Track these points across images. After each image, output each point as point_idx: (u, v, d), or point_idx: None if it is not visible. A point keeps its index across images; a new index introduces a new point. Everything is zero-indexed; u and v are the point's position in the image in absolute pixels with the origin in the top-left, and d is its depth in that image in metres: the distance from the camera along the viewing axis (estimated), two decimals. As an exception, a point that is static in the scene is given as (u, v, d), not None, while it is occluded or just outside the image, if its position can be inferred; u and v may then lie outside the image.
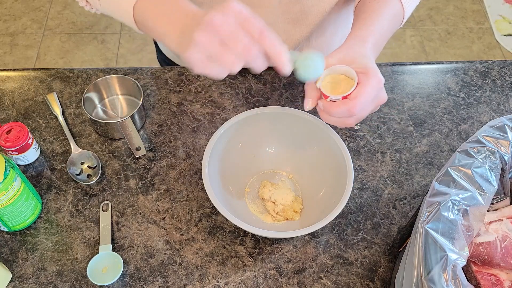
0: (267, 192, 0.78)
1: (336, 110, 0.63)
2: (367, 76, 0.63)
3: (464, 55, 2.23)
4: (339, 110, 0.63)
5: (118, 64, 2.15)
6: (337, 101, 0.63)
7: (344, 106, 0.62)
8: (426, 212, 0.54)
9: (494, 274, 0.61)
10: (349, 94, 0.62)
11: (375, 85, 0.63)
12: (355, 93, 0.62)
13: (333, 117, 0.64)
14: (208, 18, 0.56)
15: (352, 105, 0.62)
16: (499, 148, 0.59)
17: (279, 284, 0.71)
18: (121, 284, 0.71)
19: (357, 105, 0.61)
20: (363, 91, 0.62)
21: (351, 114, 0.62)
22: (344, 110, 0.62)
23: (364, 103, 0.62)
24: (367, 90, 0.62)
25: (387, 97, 0.67)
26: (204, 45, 0.56)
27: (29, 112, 0.88)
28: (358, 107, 0.62)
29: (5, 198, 0.69)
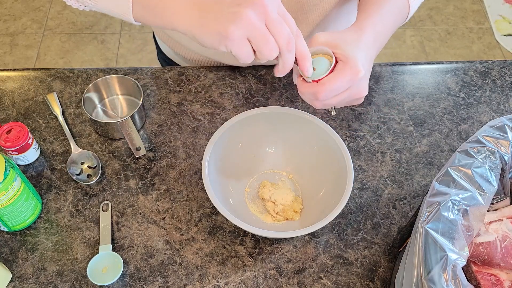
0: (267, 192, 0.78)
1: (303, 90, 0.64)
2: (344, 66, 0.62)
3: (464, 55, 2.24)
4: (305, 91, 0.64)
5: (118, 64, 2.15)
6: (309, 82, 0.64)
7: (310, 88, 0.63)
8: (426, 212, 0.54)
9: (494, 274, 0.61)
10: (320, 79, 0.63)
11: (348, 75, 0.62)
12: (326, 79, 0.62)
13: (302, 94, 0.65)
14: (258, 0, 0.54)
15: (317, 91, 0.62)
16: (499, 148, 0.59)
17: (279, 284, 0.71)
18: (121, 284, 0.71)
19: (322, 91, 0.62)
20: (334, 79, 0.62)
21: (316, 98, 0.63)
22: (310, 92, 0.63)
23: (331, 91, 0.62)
24: (338, 79, 0.62)
25: (367, 91, 0.66)
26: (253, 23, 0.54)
27: (29, 112, 0.88)
28: (323, 93, 0.62)
29: (5, 198, 0.69)
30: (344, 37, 0.65)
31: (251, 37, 0.55)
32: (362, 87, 0.65)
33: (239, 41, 0.55)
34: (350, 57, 0.63)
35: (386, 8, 0.71)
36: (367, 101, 0.90)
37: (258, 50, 0.56)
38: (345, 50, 0.63)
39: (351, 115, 0.88)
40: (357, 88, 0.65)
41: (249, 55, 0.57)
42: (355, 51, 0.64)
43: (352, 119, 0.88)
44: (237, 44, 0.56)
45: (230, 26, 0.54)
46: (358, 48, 0.65)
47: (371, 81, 0.93)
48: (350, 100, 0.66)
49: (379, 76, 0.94)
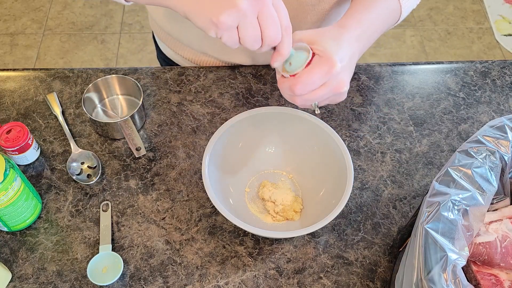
0: (267, 192, 0.78)
1: (281, 86, 0.64)
2: (320, 60, 0.62)
3: (464, 55, 2.24)
4: (283, 86, 0.64)
5: (118, 64, 2.15)
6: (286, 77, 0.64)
7: (286, 83, 0.63)
8: (426, 212, 0.54)
9: (494, 274, 0.61)
10: (296, 73, 0.63)
11: (324, 69, 0.62)
12: (301, 73, 0.62)
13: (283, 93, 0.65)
14: None
15: (293, 83, 0.62)
16: (499, 148, 0.59)
17: (279, 284, 0.71)
18: (121, 284, 0.71)
19: (297, 84, 0.62)
20: (309, 73, 0.62)
21: (294, 93, 0.63)
22: (286, 87, 0.63)
23: (307, 84, 0.62)
24: (313, 72, 0.62)
25: (348, 85, 0.65)
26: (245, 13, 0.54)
27: (29, 112, 0.88)
28: (298, 87, 0.62)
29: (5, 198, 0.69)
30: (323, 33, 0.65)
31: (241, 27, 0.56)
32: (341, 81, 0.64)
33: (229, 30, 0.56)
34: (326, 51, 0.63)
35: (375, 8, 0.71)
36: (367, 101, 0.90)
37: (242, 39, 0.57)
38: (323, 45, 0.63)
39: (351, 115, 0.88)
40: (336, 82, 0.64)
41: (235, 43, 0.58)
42: (333, 46, 0.63)
43: (352, 119, 0.88)
44: (227, 33, 0.56)
45: (222, 14, 0.54)
46: (338, 43, 0.64)
47: (371, 81, 0.93)
48: (331, 95, 0.65)
49: (379, 76, 0.94)
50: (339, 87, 0.64)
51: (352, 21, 0.68)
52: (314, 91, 0.63)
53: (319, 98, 0.64)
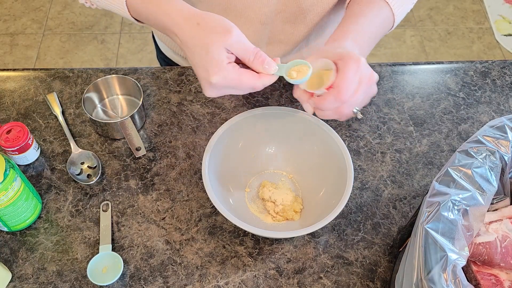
0: (267, 192, 0.78)
1: (324, 103, 0.63)
2: (343, 61, 0.63)
3: (464, 55, 2.24)
4: (327, 101, 0.63)
5: (118, 64, 2.15)
6: (322, 94, 0.63)
7: (330, 96, 0.62)
8: (426, 212, 0.54)
9: (494, 274, 0.61)
10: (331, 84, 0.62)
11: (354, 66, 0.62)
12: (337, 80, 0.62)
13: (327, 111, 0.64)
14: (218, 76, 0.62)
15: (337, 92, 0.62)
16: (499, 148, 0.59)
17: (279, 284, 0.71)
18: (121, 284, 0.71)
19: (342, 90, 0.61)
20: (344, 75, 0.62)
21: (341, 101, 0.62)
22: (332, 99, 0.62)
23: (349, 86, 0.62)
24: (348, 72, 0.62)
25: (378, 77, 0.66)
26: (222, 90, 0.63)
27: (29, 112, 0.88)
28: (344, 92, 0.61)
29: (5, 198, 0.69)
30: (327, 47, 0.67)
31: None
32: (370, 72, 0.65)
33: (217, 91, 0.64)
34: (343, 53, 0.63)
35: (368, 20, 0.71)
36: (367, 101, 0.90)
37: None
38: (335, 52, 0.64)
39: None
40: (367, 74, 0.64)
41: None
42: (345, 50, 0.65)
43: (352, 119, 0.88)
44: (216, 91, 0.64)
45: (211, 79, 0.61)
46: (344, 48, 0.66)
47: (371, 81, 0.93)
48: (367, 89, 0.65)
49: (379, 76, 0.94)
50: (372, 78, 0.65)
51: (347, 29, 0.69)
52: (356, 92, 0.63)
53: (360, 96, 0.64)
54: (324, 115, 0.65)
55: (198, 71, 0.63)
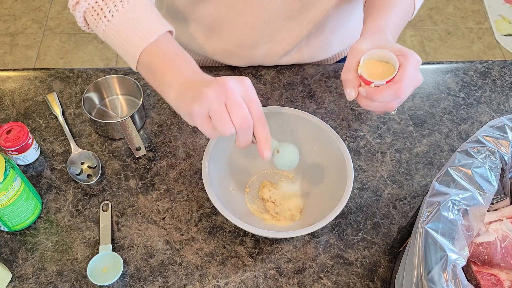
0: (267, 192, 0.78)
1: (381, 95, 0.62)
2: (405, 57, 0.62)
3: (464, 55, 2.24)
4: (384, 94, 0.62)
5: (118, 64, 2.15)
6: (380, 85, 0.62)
7: (389, 89, 0.62)
8: (426, 212, 0.54)
9: (494, 274, 0.61)
10: (393, 78, 0.62)
11: (415, 65, 0.62)
12: (399, 75, 0.62)
13: (376, 102, 0.64)
14: (222, 81, 0.58)
15: (398, 88, 0.61)
16: (499, 148, 0.59)
17: (279, 284, 0.71)
18: (121, 284, 0.71)
19: (403, 87, 0.61)
20: (406, 72, 0.62)
21: (398, 97, 0.62)
22: (390, 93, 0.62)
23: (410, 84, 0.62)
24: (410, 70, 0.62)
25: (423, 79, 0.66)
26: (211, 102, 0.58)
27: (29, 112, 0.88)
28: (405, 89, 0.61)
29: (5, 198, 0.69)
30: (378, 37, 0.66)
31: (211, 114, 0.59)
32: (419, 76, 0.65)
33: (202, 118, 0.60)
34: (404, 49, 0.63)
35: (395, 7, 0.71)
36: (367, 101, 0.90)
37: (215, 126, 0.59)
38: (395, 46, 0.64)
39: (351, 115, 0.88)
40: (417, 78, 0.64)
41: (213, 131, 0.61)
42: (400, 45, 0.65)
43: (352, 119, 0.88)
44: (200, 121, 0.60)
45: (194, 105, 0.59)
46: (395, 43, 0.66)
47: (371, 81, 0.93)
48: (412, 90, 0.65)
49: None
50: (419, 82, 0.65)
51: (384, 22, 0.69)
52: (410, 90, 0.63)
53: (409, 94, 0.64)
54: (371, 106, 0.65)
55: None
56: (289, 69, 0.94)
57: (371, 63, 0.64)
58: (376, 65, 0.64)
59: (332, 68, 0.94)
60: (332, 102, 0.90)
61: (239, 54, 0.91)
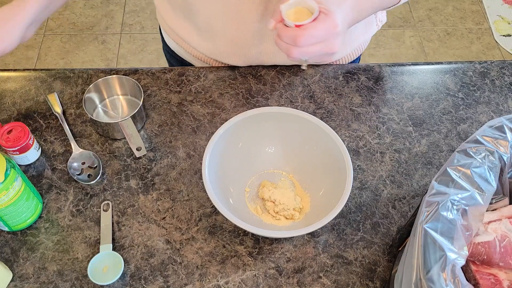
0: (267, 192, 0.78)
1: (284, 34, 0.66)
2: (325, 16, 0.65)
3: (463, 56, 2.24)
4: (286, 34, 0.66)
5: (119, 64, 2.15)
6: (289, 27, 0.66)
7: (291, 32, 0.65)
8: (425, 211, 0.55)
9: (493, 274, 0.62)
10: (301, 25, 0.65)
11: (328, 26, 0.65)
12: (307, 25, 0.65)
13: (282, 42, 0.67)
14: None
15: (298, 34, 0.64)
16: (498, 148, 0.59)
17: (279, 283, 0.72)
18: (121, 283, 0.71)
19: (303, 36, 0.64)
20: (315, 26, 0.64)
21: (295, 43, 0.65)
22: (290, 36, 0.65)
23: (310, 37, 0.64)
24: (319, 27, 0.64)
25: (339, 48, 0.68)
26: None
27: (30, 112, 0.88)
28: (303, 38, 0.64)
29: (6, 198, 0.69)
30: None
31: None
32: (336, 43, 0.67)
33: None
34: (331, 11, 0.66)
35: None
36: (366, 102, 0.91)
37: None
38: (327, 6, 0.66)
39: (351, 115, 0.89)
40: (331, 43, 0.66)
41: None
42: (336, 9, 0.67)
43: (351, 119, 0.88)
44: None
45: None
46: (340, 7, 0.68)
47: (370, 81, 0.93)
48: (323, 53, 0.68)
49: (378, 76, 0.94)
50: (333, 48, 0.67)
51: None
52: (313, 45, 0.66)
53: (314, 53, 0.67)
54: (279, 43, 0.68)
55: None
56: (289, 69, 0.94)
57: (303, 10, 0.67)
58: (304, 13, 0.67)
59: (332, 69, 0.95)
60: (331, 102, 0.90)
61: (235, 53, 0.91)
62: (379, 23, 0.98)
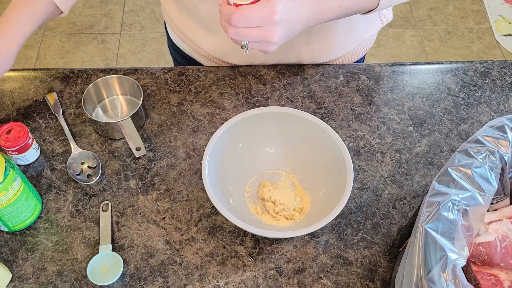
0: (267, 192, 0.78)
1: (222, 11, 0.67)
2: (265, 1, 0.65)
3: (464, 55, 2.24)
4: (224, 11, 0.66)
5: (118, 64, 2.15)
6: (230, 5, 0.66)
7: (227, 9, 0.66)
8: (426, 212, 0.54)
9: (494, 274, 0.61)
10: (240, 4, 0.65)
11: (265, 11, 0.64)
12: (244, 6, 0.65)
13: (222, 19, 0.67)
14: None
15: (233, 13, 0.65)
16: (499, 148, 0.59)
17: (279, 284, 0.72)
18: (121, 284, 0.71)
19: (235, 15, 0.64)
20: (251, 8, 0.64)
21: (229, 21, 0.65)
22: (227, 13, 0.66)
23: (245, 18, 0.64)
24: (255, 10, 0.64)
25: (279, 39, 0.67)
26: None
27: (29, 112, 0.88)
28: (235, 18, 0.64)
29: (5, 198, 0.69)
30: None
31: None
32: (274, 32, 0.66)
33: None
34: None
35: None
36: (367, 101, 0.90)
37: None
38: None
39: (351, 115, 0.89)
40: (270, 30, 0.66)
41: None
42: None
43: (352, 119, 0.88)
44: None
45: None
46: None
47: (371, 81, 0.93)
48: (261, 41, 0.67)
49: (379, 76, 0.94)
50: (270, 36, 0.66)
51: None
52: (248, 29, 0.65)
53: (250, 37, 0.66)
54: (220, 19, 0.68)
55: None
56: (289, 69, 0.94)
57: None
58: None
59: (332, 69, 0.95)
60: (332, 102, 0.90)
61: (234, 53, 0.91)
62: (384, 19, 0.97)
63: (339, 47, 0.94)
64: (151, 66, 0.98)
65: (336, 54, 0.96)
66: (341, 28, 0.90)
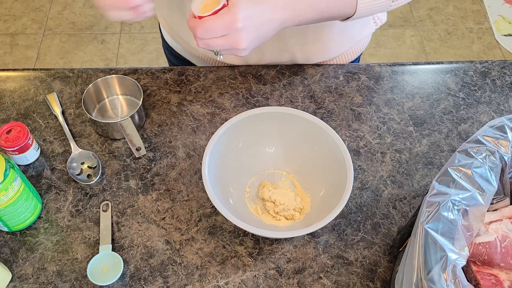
0: (267, 192, 0.78)
1: (188, 24, 0.68)
2: (226, 11, 0.65)
3: (464, 55, 2.24)
4: (189, 24, 0.68)
5: (118, 64, 2.15)
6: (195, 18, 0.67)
7: (192, 22, 0.67)
8: (426, 212, 0.54)
9: (494, 274, 0.61)
10: (202, 16, 0.66)
11: (226, 21, 0.65)
12: (205, 18, 0.65)
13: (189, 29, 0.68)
14: None
15: (194, 26, 0.66)
16: (499, 148, 0.59)
17: (279, 284, 0.71)
18: (121, 284, 0.71)
19: (198, 28, 0.65)
20: (212, 20, 0.65)
21: (195, 34, 0.66)
22: (191, 26, 0.67)
23: (207, 31, 0.65)
24: (216, 20, 0.65)
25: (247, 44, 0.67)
26: None
27: (29, 112, 0.88)
28: (199, 30, 0.65)
29: (5, 198, 0.69)
30: None
31: None
32: (240, 39, 0.66)
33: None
34: (234, 5, 0.65)
35: None
36: (367, 101, 0.90)
37: None
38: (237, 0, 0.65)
39: (351, 115, 0.89)
40: (235, 38, 0.66)
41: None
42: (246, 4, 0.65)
43: (352, 119, 0.88)
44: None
45: None
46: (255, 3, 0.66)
47: (371, 81, 0.93)
48: (231, 48, 0.68)
49: (379, 76, 0.94)
50: (236, 44, 0.66)
51: None
52: (214, 39, 0.66)
53: (217, 47, 0.67)
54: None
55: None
56: (289, 69, 0.94)
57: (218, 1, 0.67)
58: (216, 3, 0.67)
59: (332, 69, 0.95)
60: (332, 102, 0.90)
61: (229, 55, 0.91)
62: (378, 21, 0.97)
63: (334, 48, 0.94)
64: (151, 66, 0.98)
65: (331, 55, 0.96)
66: (336, 29, 0.90)
